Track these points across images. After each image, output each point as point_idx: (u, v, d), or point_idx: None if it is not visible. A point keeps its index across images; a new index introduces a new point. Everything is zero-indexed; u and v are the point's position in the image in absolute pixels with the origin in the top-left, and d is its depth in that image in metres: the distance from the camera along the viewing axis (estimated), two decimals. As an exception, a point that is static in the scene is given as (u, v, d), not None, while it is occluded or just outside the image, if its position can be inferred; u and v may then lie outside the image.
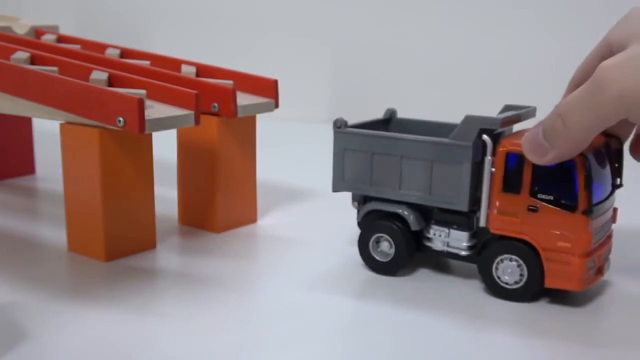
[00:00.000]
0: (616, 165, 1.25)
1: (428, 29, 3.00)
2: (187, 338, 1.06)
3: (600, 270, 1.21)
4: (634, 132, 1.29)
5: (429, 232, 1.29)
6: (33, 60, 1.51)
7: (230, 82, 1.59)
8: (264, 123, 1.73)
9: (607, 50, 1.14)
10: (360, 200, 1.36)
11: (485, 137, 1.19)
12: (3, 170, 2.00)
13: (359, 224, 1.37)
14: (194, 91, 1.35)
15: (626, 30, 1.08)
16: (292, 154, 2.41)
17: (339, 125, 1.33)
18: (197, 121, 1.35)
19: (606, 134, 1.24)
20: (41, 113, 1.40)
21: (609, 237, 1.26)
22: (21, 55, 1.50)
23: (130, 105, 1.24)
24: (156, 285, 1.27)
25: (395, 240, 1.30)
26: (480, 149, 1.20)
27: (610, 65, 1.02)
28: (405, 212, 1.29)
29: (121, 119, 1.26)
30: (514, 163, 1.17)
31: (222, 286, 1.26)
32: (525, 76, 2.78)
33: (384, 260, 1.32)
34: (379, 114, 1.51)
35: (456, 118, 1.31)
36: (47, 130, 1.81)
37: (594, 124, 1.06)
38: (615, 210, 1.28)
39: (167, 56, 1.75)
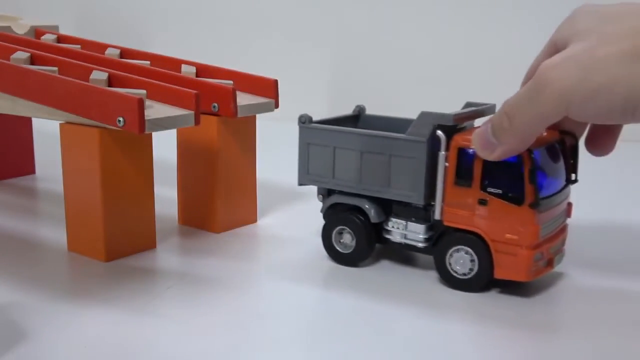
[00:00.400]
0: (571, 161, 1.28)
1: (428, 30, 3.00)
2: (187, 338, 1.06)
3: (550, 263, 1.24)
4: (588, 128, 1.32)
5: (387, 225, 1.32)
6: (33, 60, 1.51)
7: (230, 82, 1.59)
8: (264, 123, 1.73)
9: (554, 49, 1.15)
10: (325, 193, 1.40)
11: (439, 132, 1.23)
12: (3, 170, 2.00)
13: (323, 216, 1.41)
14: (194, 91, 1.35)
15: (569, 30, 1.11)
16: (292, 154, 2.40)
17: (304, 121, 1.37)
18: (197, 121, 1.35)
19: (562, 130, 1.27)
20: (41, 113, 1.40)
21: (562, 230, 1.29)
22: (21, 55, 1.50)
23: (130, 105, 1.24)
24: (156, 285, 1.27)
25: (357, 232, 1.33)
26: (435, 144, 1.24)
27: (550, 64, 1.05)
28: (366, 206, 1.32)
29: (121, 119, 1.26)
30: (466, 158, 1.21)
31: (222, 286, 1.26)
32: (522, 73, 2.78)
33: (345, 251, 1.36)
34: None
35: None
36: (47, 130, 1.81)
37: (537, 121, 1.09)
38: (569, 205, 1.31)
39: (167, 56, 1.75)
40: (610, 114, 1.02)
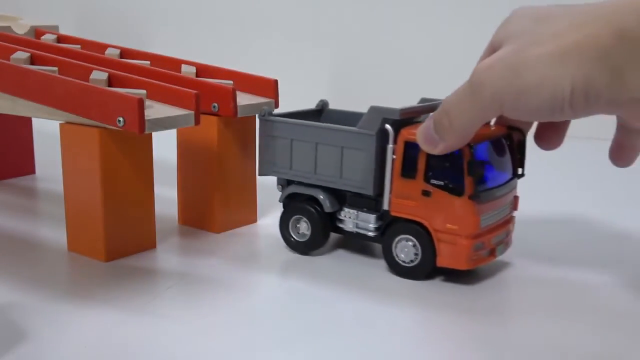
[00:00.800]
0: (518, 156, 1.33)
1: (428, 30, 3.00)
2: (187, 338, 1.06)
3: (492, 252, 1.29)
4: (535, 124, 1.36)
5: (341, 214, 1.37)
6: (33, 60, 1.51)
7: (230, 82, 1.59)
8: (264, 123, 1.73)
9: (492, 51, 1.19)
10: (284, 183, 1.46)
11: (387, 126, 1.27)
12: (3, 170, 2.00)
13: (283, 206, 1.46)
14: (194, 91, 1.35)
15: (504, 32, 1.14)
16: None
17: (263, 114, 1.42)
18: (197, 121, 1.35)
19: (510, 126, 1.32)
20: (41, 113, 1.40)
21: (507, 222, 1.33)
22: (21, 55, 1.50)
23: (130, 105, 1.24)
24: (156, 285, 1.27)
25: (312, 221, 1.38)
26: (384, 138, 1.29)
27: (483, 66, 1.10)
28: (321, 196, 1.37)
29: (121, 119, 1.26)
30: (411, 151, 1.26)
31: (222, 286, 1.26)
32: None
33: (302, 240, 1.41)
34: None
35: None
36: (47, 130, 1.82)
37: (474, 119, 1.15)
38: (516, 198, 1.36)
39: (167, 56, 1.75)
40: (540, 112, 1.06)
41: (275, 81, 1.61)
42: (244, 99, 1.56)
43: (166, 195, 1.63)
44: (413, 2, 3.00)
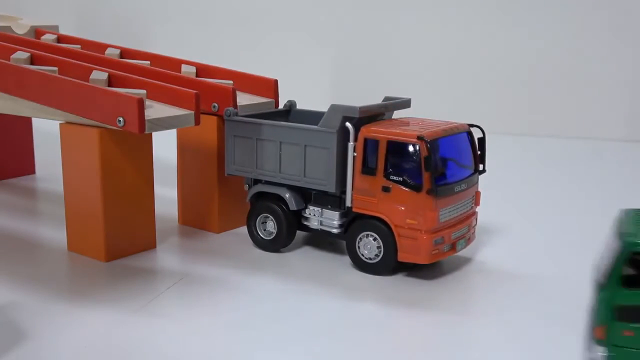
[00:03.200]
0: (479, 152, 1.37)
1: (431, 29, 3.00)
2: (187, 338, 1.06)
3: (453, 247, 1.31)
4: None
5: (305, 212, 1.39)
6: (33, 60, 1.51)
7: (230, 82, 1.59)
8: (264, 123, 1.73)
9: None
10: (251, 182, 1.47)
11: (347, 124, 1.30)
12: (3, 170, 2.00)
13: (250, 205, 1.48)
14: (194, 91, 1.35)
15: None
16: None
17: (229, 114, 1.43)
18: (197, 121, 1.35)
19: (470, 124, 1.36)
20: (41, 113, 1.40)
21: (468, 217, 1.36)
22: (21, 55, 1.50)
23: (130, 105, 1.24)
24: (156, 285, 1.27)
25: (278, 220, 1.40)
26: (345, 135, 1.31)
27: None
28: (287, 195, 1.39)
29: (121, 119, 1.26)
30: (371, 148, 1.28)
31: (222, 286, 1.26)
32: (520, 74, 2.78)
33: (268, 238, 1.43)
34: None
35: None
36: (47, 130, 1.82)
37: None
38: (477, 193, 1.38)
39: (167, 56, 1.75)
40: None
41: (275, 81, 1.61)
42: (244, 99, 1.56)
43: (166, 195, 1.63)
44: (414, 2, 2.99)
